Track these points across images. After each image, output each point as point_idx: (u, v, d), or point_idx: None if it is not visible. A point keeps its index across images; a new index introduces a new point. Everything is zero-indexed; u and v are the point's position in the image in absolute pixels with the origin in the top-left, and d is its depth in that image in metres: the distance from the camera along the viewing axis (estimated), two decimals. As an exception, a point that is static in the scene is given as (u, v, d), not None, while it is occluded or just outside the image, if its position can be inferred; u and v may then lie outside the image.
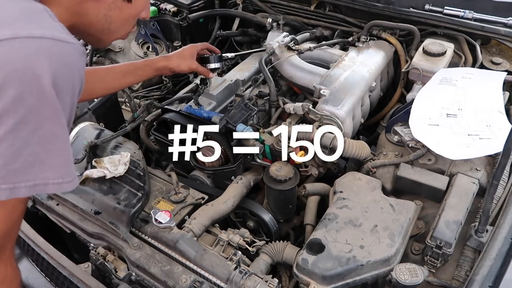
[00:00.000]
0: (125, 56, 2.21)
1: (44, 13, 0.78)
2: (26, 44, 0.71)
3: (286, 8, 2.22)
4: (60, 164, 0.80)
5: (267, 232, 1.46)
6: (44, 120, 0.74)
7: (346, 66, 1.73)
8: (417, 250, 1.23)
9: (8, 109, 0.70)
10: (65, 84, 0.76)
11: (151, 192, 1.40)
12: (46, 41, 0.73)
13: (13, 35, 0.71)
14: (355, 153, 1.38)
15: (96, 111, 1.68)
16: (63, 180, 0.80)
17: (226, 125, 1.38)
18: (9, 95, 0.69)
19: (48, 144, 0.76)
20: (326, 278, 1.07)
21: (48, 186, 0.78)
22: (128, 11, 0.98)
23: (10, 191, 0.75)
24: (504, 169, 1.07)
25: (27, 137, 0.73)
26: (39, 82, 0.71)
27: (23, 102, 0.71)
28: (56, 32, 0.75)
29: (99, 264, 1.30)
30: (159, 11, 2.24)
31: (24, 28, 0.73)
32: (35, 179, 0.77)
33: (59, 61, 0.74)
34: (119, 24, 0.99)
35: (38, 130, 0.74)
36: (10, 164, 0.73)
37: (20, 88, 0.70)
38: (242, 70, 1.89)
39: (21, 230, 1.39)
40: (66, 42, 0.76)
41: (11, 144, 0.72)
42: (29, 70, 0.70)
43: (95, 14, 0.92)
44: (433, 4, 1.88)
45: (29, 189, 0.76)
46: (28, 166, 0.75)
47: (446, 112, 1.45)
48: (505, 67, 1.76)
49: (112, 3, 0.93)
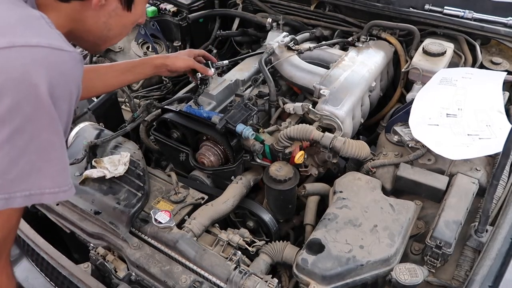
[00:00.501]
0: (125, 56, 2.21)
1: (40, 20, 0.78)
2: (22, 53, 0.71)
3: (286, 8, 2.22)
4: (57, 173, 0.79)
5: (267, 232, 1.46)
6: (41, 129, 0.74)
7: (346, 66, 1.73)
8: (417, 250, 1.23)
9: (4, 118, 0.70)
10: (62, 92, 0.75)
11: (151, 192, 1.40)
12: (43, 50, 0.73)
13: (9, 43, 0.70)
14: (355, 153, 1.38)
15: (96, 111, 1.68)
16: (60, 189, 0.80)
17: (226, 125, 1.38)
18: (5, 104, 0.69)
19: (44, 153, 0.76)
20: (326, 278, 1.07)
21: (44, 195, 0.78)
22: (127, 19, 0.98)
23: (5, 201, 0.74)
24: (504, 169, 1.07)
25: (24, 146, 0.73)
26: (36, 91, 0.71)
27: (19, 111, 0.70)
28: (53, 40, 0.75)
29: (99, 264, 1.30)
30: (159, 11, 2.24)
31: (20, 36, 0.72)
32: (31, 188, 0.76)
33: (56, 69, 0.74)
34: (118, 31, 0.99)
35: (34, 139, 0.74)
36: (5, 173, 0.73)
37: (16, 97, 0.70)
38: (242, 70, 1.89)
39: (20, 230, 1.39)
40: (63, 50, 0.76)
41: (7, 153, 0.72)
42: (26, 79, 0.70)
43: (94, 21, 0.92)
44: (433, 4, 1.89)
45: (25, 199, 0.76)
46: (24, 175, 0.75)
47: (446, 112, 1.45)
48: (505, 67, 1.76)
49: (112, 11, 0.93)
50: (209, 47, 2.26)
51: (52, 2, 0.84)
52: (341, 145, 1.37)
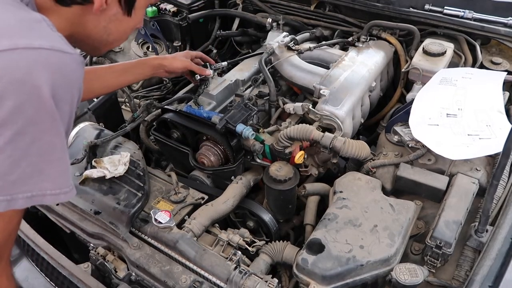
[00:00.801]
0: (125, 56, 2.21)
1: (42, 23, 0.78)
2: (25, 54, 0.71)
3: (286, 8, 2.22)
4: (58, 175, 0.79)
5: (267, 232, 1.46)
6: (43, 131, 0.74)
7: (346, 66, 1.73)
8: (417, 250, 1.23)
9: (6, 120, 0.70)
10: (64, 94, 0.75)
11: (151, 192, 1.40)
12: (45, 52, 0.73)
13: (12, 45, 0.70)
14: (355, 153, 1.38)
15: (96, 111, 1.67)
16: (61, 191, 0.80)
17: (226, 125, 1.38)
18: (8, 106, 0.69)
19: (46, 155, 0.76)
20: (326, 278, 1.07)
21: (45, 197, 0.78)
22: (127, 24, 0.98)
23: (7, 203, 0.74)
24: (504, 169, 1.07)
25: (26, 148, 0.73)
26: (39, 93, 0.71)
27: (22, 113, 0.70)
28: (55, 42, 0.75)
29: (99, 264, 1.30)
30: (159, 11, 2.24)
31: (23, 38, 0.72)
32: (33, 190, 0.76)
33: (58, 71, 0.74)
34: (117, 36, 0.99)
35: (36, 142, 0.74)
36: (7, 175, 0.73)
37: (19, 99, 0.69)
38: (242, 70, 1.89)
39: (21, 230, 1.39)
40: (65, 53, 0.76)
41: (9, 155, 0.72)
42: (28, 81, 0.70)
43: (94, 25, 0.92)
44: (433, 4, 1.88)
45: (26, 200, 0.76)
46: (26, 177, 0.75)
47: (446, 112, 1.45)
48: (505, 67, 1.76)
49: (112, 16, 0.93)
50: (209, 47, 2.26)
51: (53, 5, 0.84)
52: (341, 145, 1.37)
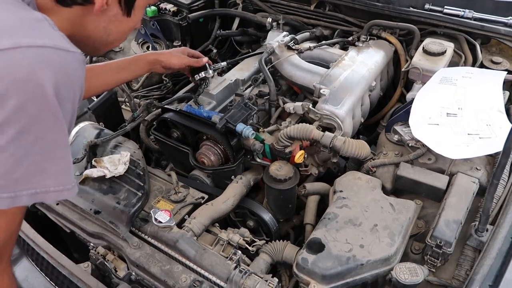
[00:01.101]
0: (125, 56, 2.21)
1: (44, 22, 0.78)
2: (28, 53, 0.71)
3: (286, 7, 2.22)
4: (61, 172, 0.80)
5: (267, 231, 1.46)
6: (46, 130, 0.74)
7: (346, 66, 1.73)
8: (417, 250, 1.23)
9: (9, 119, 0.70)
10: (66, 93, 0.76)
11: (151, 192, 1.40)
12: (48, 50, 0.73)
13: (15, 44, 0.70)
14: (355, 152, 1.38)
15: (96, 110, 1.67)
16: (64, 188, 0.80)
17: (226, 124, 1.38)
18: (11, 104, 0.69)
19: (49, 153, 0.77)
20: (326, 278, 1.07)
21: (49, 194, 0.79)
22: (127, 24, 0.98)
23: (11, 200, 0.75)
24: (504, 168, 1.06)
25: (29, 146, 0.73)
26: (42, 92, 0.71)
27: (25, 112, 0.71)
28: (57, 41, 0.75)
29: (99, 264, 1.30)
30: (159, 11, 2.24)
31: (25, 37, 0.72)
32: (36, 187, 0.77)
33: (61, 70, 0.74)
34: (117, 36, 0.99)
35: (39, 140, 0.74)
36: (11, 173, 0.73)
37: (22, 98, 0.70)
38: (242, 70, 1.89)
39: (21, 230, 1.39)
40: (68, 51, 0.76)
41: (12, 153, 0.72)
42: (32, 79, 0.70)
43: (94, 26, 0.92)
44: (433, 4, 1.88)
45: (30, 197, 0.76)
46: (29, 175, 0.75)
47: (446, 111, 1.45)
48: (505, 66, 1.76)
49: (112, 17, 0.93)
50: (209, 47, 2.26)
51: (53, 6, 0.85)
52: (341, 145, 1.37)
